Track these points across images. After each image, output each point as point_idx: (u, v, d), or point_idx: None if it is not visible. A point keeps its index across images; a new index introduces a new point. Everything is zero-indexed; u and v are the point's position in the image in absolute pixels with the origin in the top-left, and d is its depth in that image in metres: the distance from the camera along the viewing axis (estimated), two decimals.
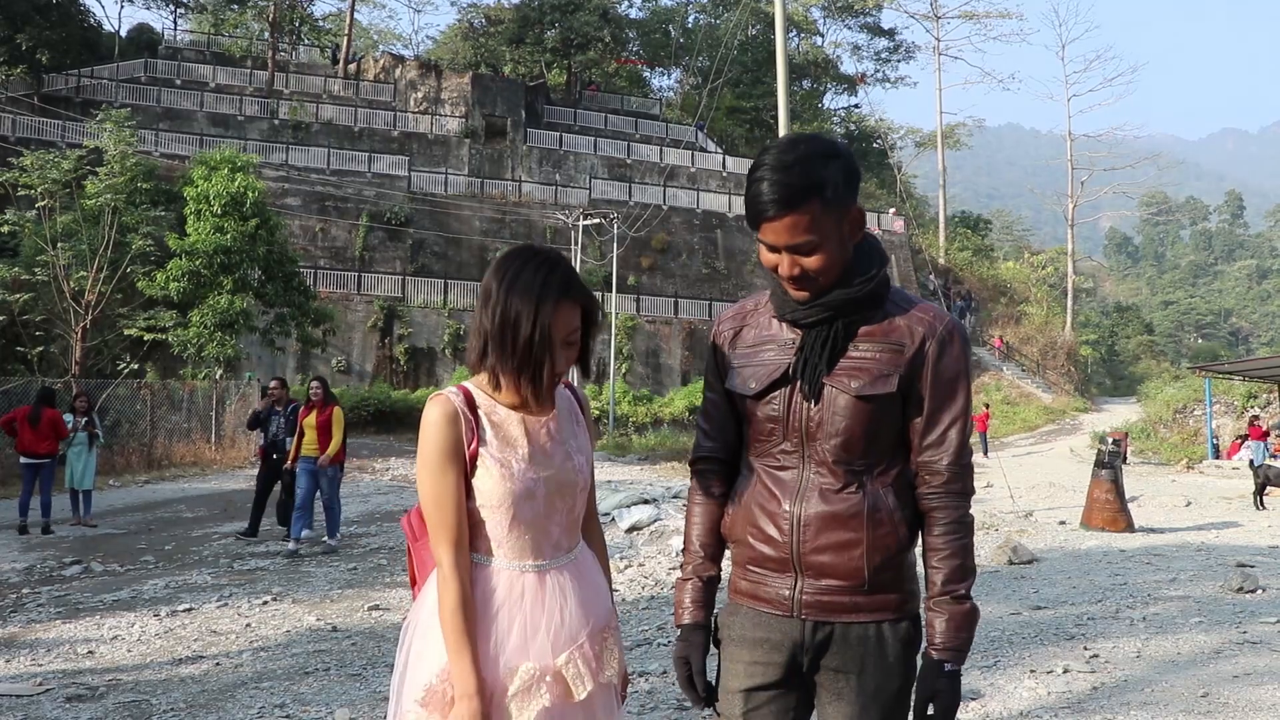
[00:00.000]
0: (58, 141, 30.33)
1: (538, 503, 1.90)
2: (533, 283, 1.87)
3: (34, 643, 6.43)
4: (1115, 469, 12.30)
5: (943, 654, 1.82)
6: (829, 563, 1.84)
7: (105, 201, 22.35)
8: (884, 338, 1.86)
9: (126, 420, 20.54)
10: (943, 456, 1.85)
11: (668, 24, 60.98)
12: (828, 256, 1.81)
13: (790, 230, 1.78)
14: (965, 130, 63.00)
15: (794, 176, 1.76)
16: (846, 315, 1.86)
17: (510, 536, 1.90)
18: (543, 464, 1.91)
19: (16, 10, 35.06)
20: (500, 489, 1.87)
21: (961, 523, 1.86)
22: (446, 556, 1.86)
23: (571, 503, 1.96)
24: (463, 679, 1.81)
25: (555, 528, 1.94)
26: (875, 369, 1.84)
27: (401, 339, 33.74)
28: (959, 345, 1.88)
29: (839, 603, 1.85)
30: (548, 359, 1.87)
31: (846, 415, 1.83)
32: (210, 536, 11.67)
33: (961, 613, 1.83)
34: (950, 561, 1.84)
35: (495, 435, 1.90)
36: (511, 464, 1.88)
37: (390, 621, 6.95)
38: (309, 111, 41.10)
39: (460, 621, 1.83)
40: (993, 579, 8.47)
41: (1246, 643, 6.04)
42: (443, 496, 1.87)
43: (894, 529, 1.85)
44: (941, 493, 1.86)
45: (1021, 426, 36.34)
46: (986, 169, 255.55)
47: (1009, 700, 4.87)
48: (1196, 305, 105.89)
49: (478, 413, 1.91)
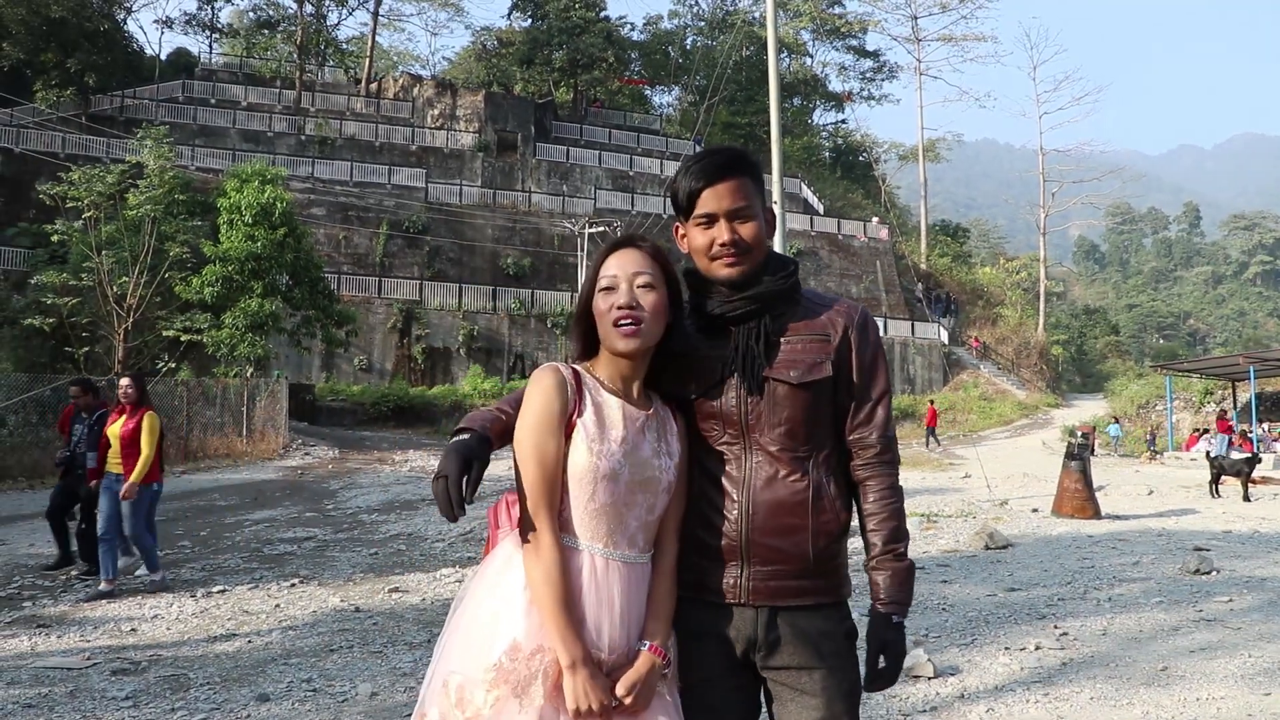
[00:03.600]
0: (103, 157, 30.32)
1: (619, 486, 1.76)
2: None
3: (82, 621, 6.44)
4: (1084, 460, 12.31)
5: (889, 607, 1.82)
6: (776, 547, 1.81)
7: (145, 212, 22.41)
8: (809, 330, 1.88)
9: (164, 415, 20.53)
10: (872, 431, 1.88)
11: (667, 45, 60.89)
12: (758, 230, 1.86)
13: (731, 194, 1.83)
14: (945, 145, 63.00)
15: (727, 154, 1.88)
16: (772, 309, 1.87)
17: (586, 514, 1.77)
18: (632, 452, 1.78)
19: (67, 37, 35.16)
20: (587, 463, 1.75)
21: (894, 489, 1.88)
22: (543, 522, 1.73)
23: (653, 500, 1.81)
24: (568, 647, 1.68)
25: (633, 520, 1.79)
26: (808, 359, 1.85)
27: (419, 339, 33.71)
28: (873, 330, 1.93)
29: (786, 587, 1.82)
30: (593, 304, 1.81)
31: (788, 404, 1.84)
32: (242, 524, 11.69)
33: (903, 569, 1.84)
34: (888, 524, 1.85)
35: (595, 413, 1.79)
36: (603, 442, 1.76)
37: (409, 604, 6.96)
38: (333, 128, 41.08)
39: (557, 590, 1.70)
40: (970, 563, 8.47)
41: (1202, 620, 6.05)
42: (546, 459, 1.75)
43: (835, 515, 1.85)
44: (875, 463, 1.87)
45: (997, 421, 36.29)
46: (965, 181, 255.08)
47: (985, 675, 4.88)
48: (1158, 308, 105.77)
49: (583, 389, 1.81)
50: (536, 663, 1.70)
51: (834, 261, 43.33)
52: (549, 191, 41.83)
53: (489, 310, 35.03)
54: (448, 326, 34.12)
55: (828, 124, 64.56)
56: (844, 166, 60.33)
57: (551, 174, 43.37)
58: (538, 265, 38.23)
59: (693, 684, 1.85)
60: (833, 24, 59.58)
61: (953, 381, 40.37)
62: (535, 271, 38.02)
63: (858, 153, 62.66)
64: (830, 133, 64.00)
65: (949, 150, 64.77)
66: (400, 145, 41.42)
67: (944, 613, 6.41)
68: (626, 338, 1.78)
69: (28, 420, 17.93)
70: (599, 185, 42.84)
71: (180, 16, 72.09)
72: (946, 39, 56.87)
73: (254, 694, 4.68)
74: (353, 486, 15.99)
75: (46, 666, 5.24)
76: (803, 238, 42.11)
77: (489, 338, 34.15)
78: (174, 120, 37.23)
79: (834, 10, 60.04)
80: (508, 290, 35.96)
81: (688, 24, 63.54)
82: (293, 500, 14.22)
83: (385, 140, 41.30)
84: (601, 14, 51.39)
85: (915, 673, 4.81)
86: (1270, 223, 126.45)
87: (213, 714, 4.41)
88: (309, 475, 17.93)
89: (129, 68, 40.90)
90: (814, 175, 52.56)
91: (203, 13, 50.14)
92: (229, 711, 4.44)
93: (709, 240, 1.86)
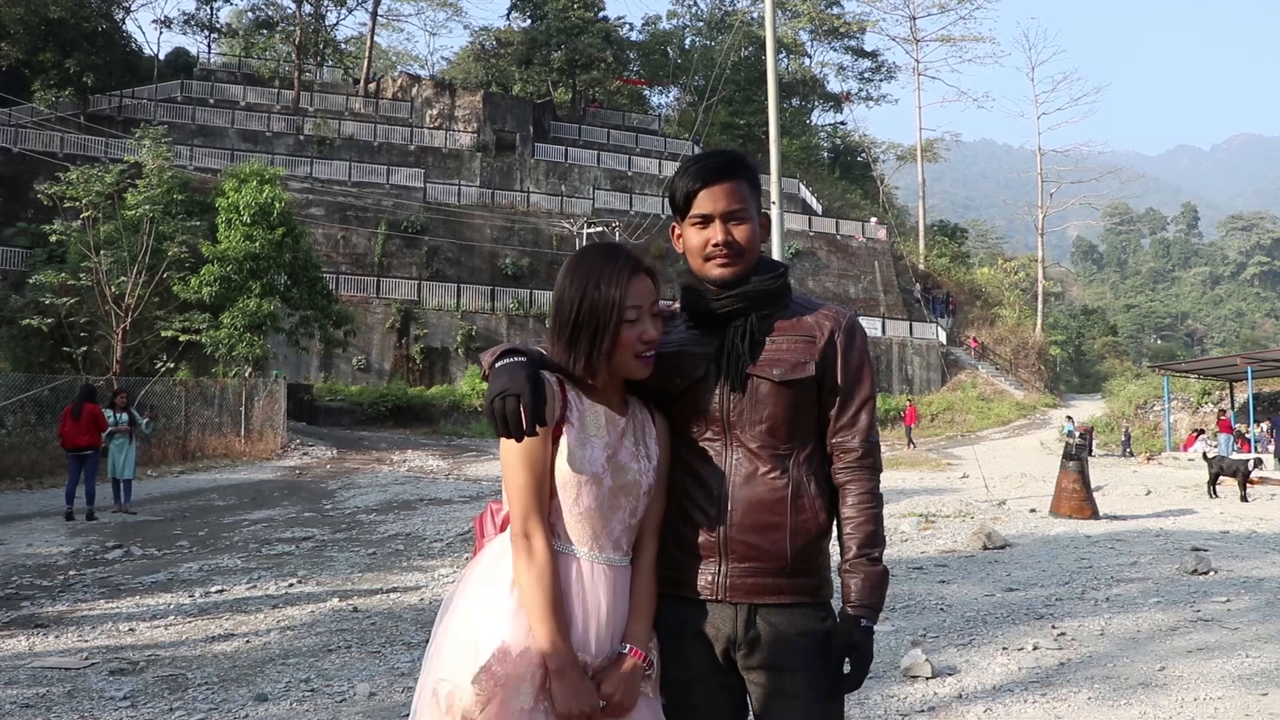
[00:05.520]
0: (101, 157, 30.30)
1: (603, 492, 1.80)
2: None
3: (80, 620, 6.43)
4: (1082, 460, 12.31)
5: (859, 610, 1.81)
6: (754, 544, 1.82)
7: (144, 212, 22.40)
8: (795, 331, 1.89)
9: (163, 415, 20.56)
10: (855, 436, 1.88)
11: (666, 46, 60.92)
12: (751, 232, 1.89)
13: (728, 196, 1.86)
14: (943, 145, 63.04)
15: (724, 157, 1.92)
16: (760, 308, 1.89)
17: (572, 518, 1.79)
18: (614, 457, 1.82)
19: (66, 37, 35.18)
20: (572, 468, 1.78)
21: (873, 494, 1.87)
22: (535, 527, 1.75)
23: (635, 504, 1.84)
24: (555, 652, 1.69)
25: (617, 524, 1.83)
26: (792, 358, 1.86)
27: (417, 339, 33.71)
28: (860, 336, 1.93)
29: (763, 584, 1.82)
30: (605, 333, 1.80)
31: (770, 402, 1.85)
32: (240, 523, 11.67)
33: (876, 574, 1.83)
34: (864, 528, 1.84)
35: (579, 418, 1.82)
36: (586, 447, 1.79)
37: (407, 604, 6.95)
38: (332, 128, 41.08)
39: (549, 595, 1.71)
40: (968, 563, 8.47)
41: (1199, 620, 6.05)
42: (535, 463, 1.76)
43: (814, 515, 1.85)
44: (855, 467, 1.87)
45: (995, 421, 36.31)
46: (963, 181, 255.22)
47: (983, 675, 4.88)
48: (1156, 309, 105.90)
49: (567, 395, 1.82)
50: (525, 664, 1.70)
51: (832, 262, 43.35)
52: (547, 192, 41.84)
53: (487, 310, 35.03)
54: (446, 326, 34.12)
55: (826, 124, 64.72)
56: (842, 167, 60.39)
57: (550, 174, 43.37)
58: (536, 265, 38.23)
59: (676, 683, 1.86)
60: (831, 24, 59.64)
61: (950, 382, 40.40)
62: (534, 272, 38.02)
63: (856, 153, 62.71)
64: (829, 133, 64.09)
65: (947, 151, 64.87)
66: (399, 145, 41.41)
67: (942, 613, 6.41)
68: (647, 366, 1.85)
69: (26, 420, 17.89)
70: (597, 185, 42.85)
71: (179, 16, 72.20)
72: (945, 39, 56.92)
73: (252, 694, 4.67)
74: (351, 486, 15.98)
75: (44, 666, 5.23)
76: (801, 238, 42.12)
77: (487, 338, 34.13)
78: (172, 120, 37.21)
79: (832, 10, 60.11)
80: (506, 290, 35.96)
81: (686, 24, 63.66)
82: (291, 500, 14.21)
83: (384, 140, 41.29)
84: (600, 14, 51.44)
85: (913, 673, 4.81)
86: (1268, 223, 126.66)
87: (211, 714, 4.41)
88: (307, 475, 17.93)
89: (127, 68, 40.88)
90: (812, 175, 52.60)
91: (201, 13, 50.23)
92: (227, 711, 4.44)
93: (704, 241, 1.88)
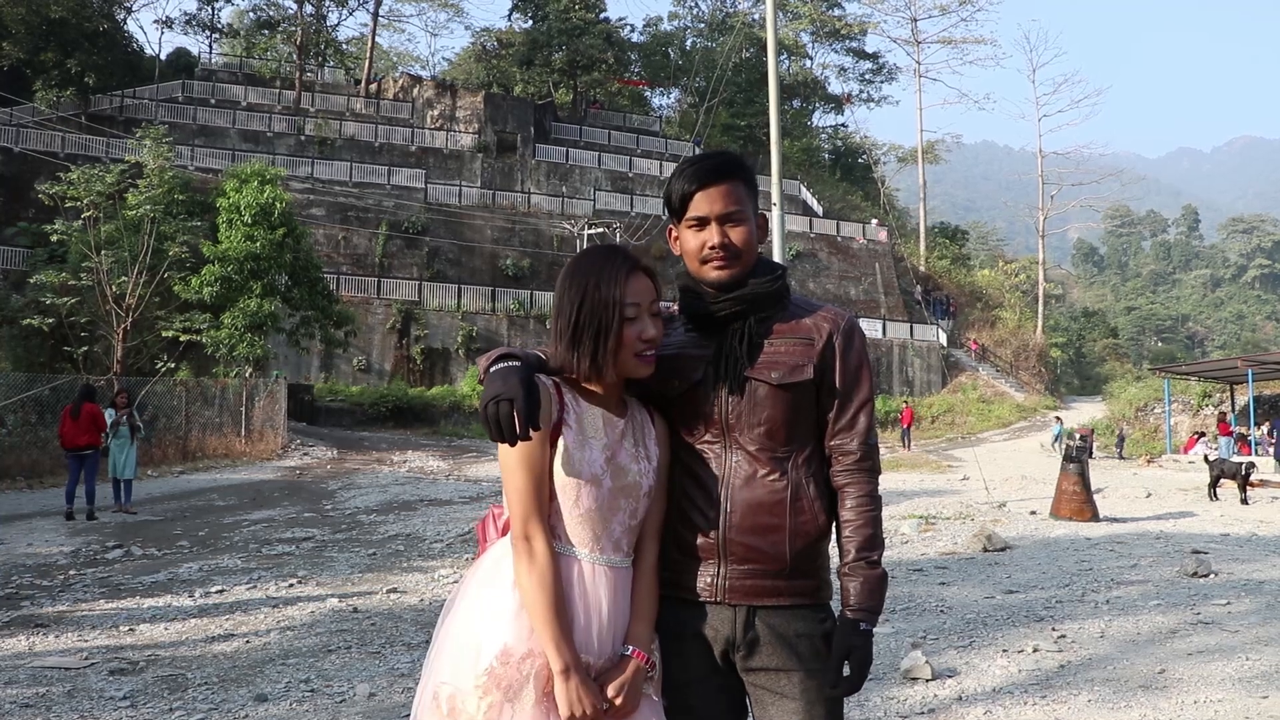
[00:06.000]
0: (102, 157, 30.31)
1: (603, 493, 1.79)
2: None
3: (80, 620, 6.43)
4: (1082, 463, 12.30)
5: (857, 614, 1.81)
6: (753, 546, 1.82)
7: (145, 212, 22.39)
8: (793, 334, 1.89)
9: (163, 415, 20.56)
10: (853, 438, 1.88)
11: (667, 47, 60.95)
12: (748, 234, 1.89)
13: (724, 198, 1.86)
14: (944, 147, 63.13)
15: (721, 159, 1.91)
16: (758, 311, 1.89)
17: (573, 520, 1.79)
18: (613, 459, 1.82)
19: (67, 37, 35.19)
20: (571, 470, 1.78)
21: (872, 496, 1.87)
22: (536, 529, 1.74)
23: (635, 506, 1.84)
24: (561, 653, 1.68)
25: (617, 525, 1.82)
26: (790, 361, 1.86)
27: (418, 340, 33.71)
28: (859, 339, 1.93)
29: (762, 586, 1.83)
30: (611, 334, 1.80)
31: (768, 405, 1.85)
32: (240, 524, 11.67)
33: (875, 577, 1.83)
34: (863, 531, 1.84)
35: (577, 421, 1.82)
36: (585, 449, 1.79)
37: (407, 604, 6.95)
38: (333, 128, 41.08)
39: (551, 597, 1.71)
40: (969, 565, 8.47)
41: (1200, 623, 6.05)
42: (534, 466, 1.75)
43: (814, 516, 1.85)
44: (854, 470, 1.87)
45: (996, 423, 36.30)
46: (964, 183, 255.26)
47: (983, 678, 4.88)
48: (1156, 311, 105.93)
49: (565, 398, 1.82)
50: (528, 667, 1.70)
51: (833, 263, 43.35)
52: (548, 192, 41.84)
53: (488, 311, 35.03)
54: (447, 327, 34.12)
55: (827, 126, 64.75)
56: (843, 168, 60.40)
57: (551, 175, 43.38)
58: (537, 266, 38.24)
59: (674, 685, 1.86)
60: (832, 26, 59.66)
61: (951, 384, 40.40)
62: (534, 272, 38.03)
63: (857, 154, 62.73)
64: (830, 135, 64.12)
65: (948, 152, 64.92)
66: (400, 146, 41.42)
67: (942, 615, 6.41)
68: (648, 365, 1.85)
69: (26, 420, 17.89)
70: (598, 186, 42.86)
71: (180, 16, 72.20)
72: (946, 41, 56.91)
73: (252, 694, 4.67)
74: (351, 487, 15.98)
75: (44, 666, 5.23)
76: (802, 239, 42.13)
77: (488, 338, 34.13)
78: (173, 120, 37.22)
79: (833, 12, 60.13)
80: (507, 291, 35.97)
81: (687, 25, 63.72)
82: (291, 500, 14.22)
83: (385, 141, 41.30)
84: (601, 15, 51.48)
85: (913, 675, 4.80)
86: (1269, 226, 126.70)
87: (210, 714, 4.41)
88: (307, 476, 17.93)
89: (129, 68, 40.90)
90: (813, 177, 52.60)
91: (203, 13, 50.23)
92: (227, 712, 4.43)
93: (700, 243, 1.88)
